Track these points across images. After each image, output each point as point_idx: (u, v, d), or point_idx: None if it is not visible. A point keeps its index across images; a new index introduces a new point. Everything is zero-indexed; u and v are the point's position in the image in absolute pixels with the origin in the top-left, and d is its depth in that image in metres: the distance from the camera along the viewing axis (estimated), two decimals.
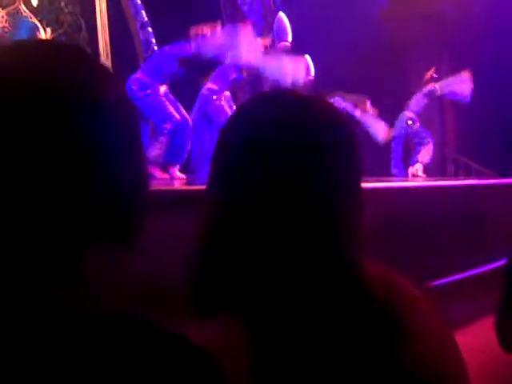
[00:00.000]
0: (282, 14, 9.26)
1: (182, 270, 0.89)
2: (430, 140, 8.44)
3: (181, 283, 0.89)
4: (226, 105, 6.21)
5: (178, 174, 5.72)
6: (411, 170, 8.35)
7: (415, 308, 0.89)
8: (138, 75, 5.71)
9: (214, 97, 6.20)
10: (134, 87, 5.53)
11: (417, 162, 8.35)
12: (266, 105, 0.91)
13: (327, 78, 7.42)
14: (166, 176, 5.59)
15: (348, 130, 0.91)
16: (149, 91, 5.57)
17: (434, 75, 8.50)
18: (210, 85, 6.25)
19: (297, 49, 6.97)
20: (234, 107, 6.32)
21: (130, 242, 0.74)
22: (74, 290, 0.66)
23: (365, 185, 0.92)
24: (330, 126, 0.89)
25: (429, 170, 8.68)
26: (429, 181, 7.44)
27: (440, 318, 0.92)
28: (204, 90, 6.27)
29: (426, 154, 8.39)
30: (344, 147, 0.89)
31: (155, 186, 3.48)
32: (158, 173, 5.56)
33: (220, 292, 0.86)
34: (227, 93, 6.34)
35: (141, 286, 2.09)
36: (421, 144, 8.45)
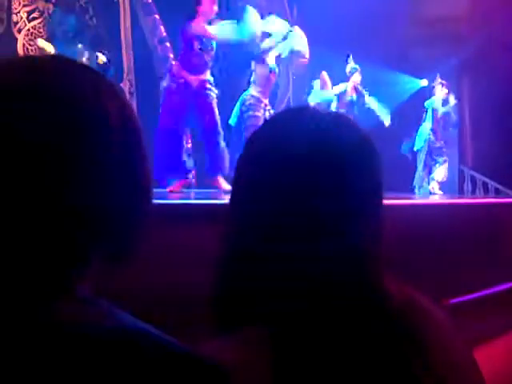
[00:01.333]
0: (298, 29, 9.29)
1: (205, 283, 0.90)
2: (447, 158, 8.38)
3: (203, 297, 0.90)
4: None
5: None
6: (428, 187, 8.31)
7: (434, 326, 0.88)
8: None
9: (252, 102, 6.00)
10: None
11: (433, 179, 8.31)
12: (293, 120, 0.91)
13: None
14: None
15: (372, 147, 0.91)
16: None
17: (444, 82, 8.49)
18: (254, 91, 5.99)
19: None
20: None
21: (126, 260, 0.73)
22: (70, 303, 0.66)
23: (385, 201, 0.92)
24: (355, 143, 0.89)
25: (446, 188, 8.62)
26: (446, 198, 7.38)
27: (458, 335, 0.91)
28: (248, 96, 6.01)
29: (441, 172, 8.34)
30: (368, 165, 0.89)
31: (178, 199, 3.47)
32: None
33: (243, 306, 0.86)
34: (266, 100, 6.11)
35: (161, 299, 2.09)
36: (437, 162, 8.41)
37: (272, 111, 6.07)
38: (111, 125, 0.69)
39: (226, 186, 5.26)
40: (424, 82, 10.31)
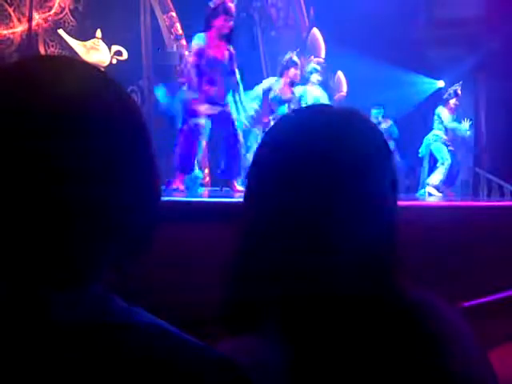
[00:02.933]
0: (315, 30, 9.29)
1: (219, 283, 0.89)
2: (444, 161, 8.28)
3: (216, 296, 0.89)
4: None
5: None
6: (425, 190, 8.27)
7: (451, 328, 0.88)
8: None
9: None
10: None
11: (427, 184, 8.27)
12: (308, 118, 0.91)
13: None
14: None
15: (387, 146, 0.91)
16: None
17: (458, 91, 8.40)
18: None
19: None
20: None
21: (138, 258, 0.73)
22: (84, 301, 0.66)
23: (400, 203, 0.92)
24: (371, 141, 0.89)
25: (461, 190, 8.57)
26: (460, 201, 7.35)
27: (475, 338, 0.91)
28: None
29: (435, 176, 8.28)
30: (384, 164, 0.89)
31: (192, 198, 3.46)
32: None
33: (256, 306, 0.86)
34: None
35: (174, 298, 2.09)
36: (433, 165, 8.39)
37: None
38: (120, 124, 0.69)
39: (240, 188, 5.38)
40: (441, 83, 10.26)
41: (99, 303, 0.67)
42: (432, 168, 8.45)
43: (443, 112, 8.28)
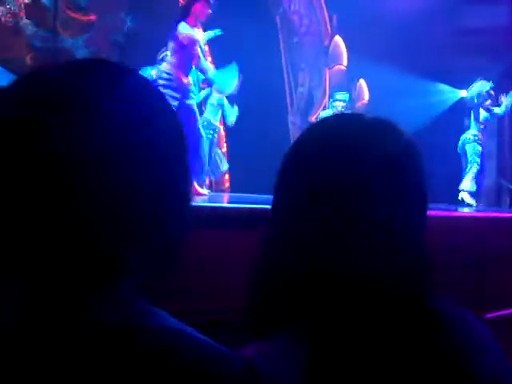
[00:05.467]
0: (338, 38, 9.30)
1: (244, 286, 0.89)
2: (473, 166, 8.19)
3: (242, 299, 0.89)
4: None
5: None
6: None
7: (479, 339, 0.87)
8: None
9: None
10: None
11: (462, 190, 8.17)
12: (338, 126, 0.90)
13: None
14: None
15: (418, 153, 0.90)
16: None
17: (491, 92, 8.33)
18: None
19: None
20: None
21: (167, 264, 0.74)
22: (113, 305, 0.66)
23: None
24: (402, 149, 0.88)
25: (483, 200, 8.48)
26: (482, 211, 7.27)
27: (502, 349, 0.89)
28: None
29: (466, 181, 8.19)
30: (414, 171, 0.88)
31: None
32: None
33: (283, 308, 0.85)
34: None
35: (198, 301, 2.10)
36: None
37: None
38: (152, 129, 0.69)
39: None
40: (463, 93, 10.19)
41: (127, 305, 0.68)
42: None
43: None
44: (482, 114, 8.20)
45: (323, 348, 0.81)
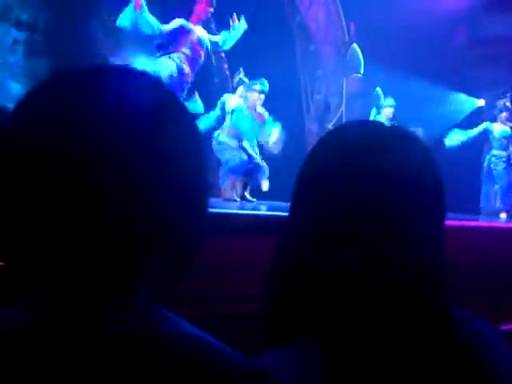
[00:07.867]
0: (355, 46, 9.29)
1: (258, 293, 0.89)
2: (497, 184, 8.13)
3: (257, 306, 0.89)
4: None
5: None
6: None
7: (498, 352, 0.86)
8: None
9: None
10: None
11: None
12: (357, 133, 0.90)
13: None
14: None
15: (435, 162, 0.89)
16: None
17: (507, 103, 8.27)
18: None
19: None
20: None
21: (183, 269, 0.73)
22: (129, 312, 0.67)
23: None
24: (420, 157, 0.87)
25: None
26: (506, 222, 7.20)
27: None
28: None
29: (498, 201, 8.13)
30: (432, 181, 0.87)
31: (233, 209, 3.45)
32: None
33: (297, 316, 0.85)
34: None
35: (213, 307, 2.09)
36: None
37: None
38: (167, 134, 0.68)
39: None
40: (481, 102, 10.13)
41: (146, 312, 0.68)
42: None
43: (495, 127, 8.18)
44: (500, 128, 8.14)
45: (339, 359, 0.80)
